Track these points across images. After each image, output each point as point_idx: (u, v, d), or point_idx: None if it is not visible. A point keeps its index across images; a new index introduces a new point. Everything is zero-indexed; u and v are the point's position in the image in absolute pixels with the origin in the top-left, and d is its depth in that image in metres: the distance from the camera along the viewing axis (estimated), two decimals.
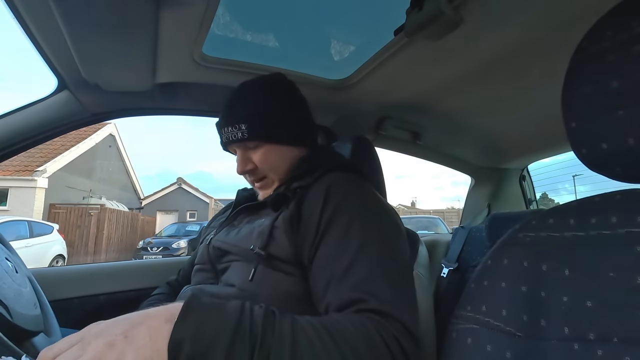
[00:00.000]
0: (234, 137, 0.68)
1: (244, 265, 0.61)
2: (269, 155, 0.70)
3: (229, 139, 0.69)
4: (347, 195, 0.60)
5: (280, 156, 0.71)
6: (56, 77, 0.81)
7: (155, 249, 8.63)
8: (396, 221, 0.63)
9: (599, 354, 0.35)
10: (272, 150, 0.70)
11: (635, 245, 0.37)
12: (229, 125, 0.68)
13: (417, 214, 14.15)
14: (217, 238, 0.69)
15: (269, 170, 0.71)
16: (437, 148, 1.41)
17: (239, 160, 0.71)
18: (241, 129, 0.67)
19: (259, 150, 0.70)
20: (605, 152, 0.40)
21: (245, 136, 0.67)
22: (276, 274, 0.58)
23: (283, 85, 0.75)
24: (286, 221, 0.60)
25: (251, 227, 0.65)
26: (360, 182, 0.66)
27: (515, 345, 0.42)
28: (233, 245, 0.65)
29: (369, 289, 0.49)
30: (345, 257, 0.53)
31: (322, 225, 0.57)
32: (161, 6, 0.60)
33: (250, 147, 0.70)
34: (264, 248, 0.58)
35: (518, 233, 0.48)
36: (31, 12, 0.61)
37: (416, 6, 0.63)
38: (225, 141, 0.71)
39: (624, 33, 0.38)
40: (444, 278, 1.29)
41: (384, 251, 0.54)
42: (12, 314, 0.53)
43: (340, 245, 0.54)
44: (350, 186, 0.63)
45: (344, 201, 0.59)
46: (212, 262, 0.68)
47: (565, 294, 0.40)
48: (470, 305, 0.49)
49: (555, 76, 0.58)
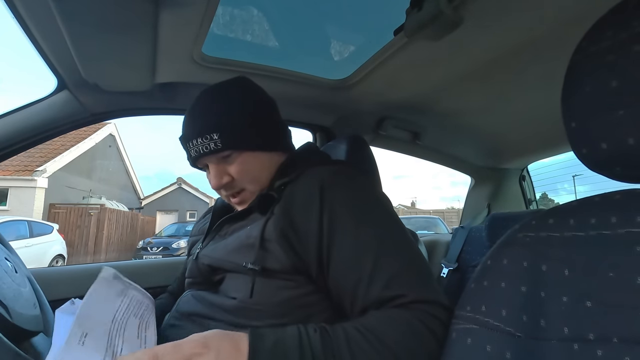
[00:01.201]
0: (206, 149, 0.62)
1: (240, 277, 0.57)
2: (247, 164, 0.64)
3: (199, 152, 0.63)
4: (341, 190, 0.57)
5: (259, 164, 0.66)
6: (56, 77, 0.81)
7: (155, 249, 8.63)
8: (389, 202, 0.63)
9: (599, 354, 0.35)
10: (249, 158, 0.65)
11: (635, 245, 0.37)
12: (198, 137, 0.62)
13: (417, 214, 14.16)
14: (205, 253, 0.65)
15: (248, 181, 0.65)
16: (437, 148, 1.41)
17: (213, 174, 0.65)
18: (213, 139, 0.61)
19: (235, 160, 0.64)
20: (605, 152, 0.40)
21: (219, 146, 0.62)
22: (276, 282, 0.55)
23: (250, 88, 0.70)
24: (278, 232, 0.55)
25: (239, 237, 0.60)
26: (349, 171, 0.63)
27: (515, 346, 0.42)
28: (224, 261, 0.60)
29: (403, 283, 0.51)
30: (368, 258, 0.52)
31: (326, 229, 0.54)
32: (161, 6, 0.60)
33: (225, 157, 0.64)
34: (257, 262, 0.55)
35: (518, 233, 0.48)
36: (31, 12, 0.61)
37: (416, 6, 0.63)
38: (194, 155, 0.64)
39: (624, 33, 0.38)
40: (443, 278, 1.29)
41: (397, 237, 0.56)
42: (11, 313, 0.52)
43: (358, 246, 0.53)
44: (342, 179, 0.59)
45: (341, 197, 0.56)
46: (204, 276, 0.64)
47: (565, 294, 0.40)
48: (469, 305, 0.49)
49: (555, 76, 0.58)
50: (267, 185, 0.66)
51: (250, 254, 0.56)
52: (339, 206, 0.55)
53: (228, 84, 0.69)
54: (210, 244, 0.67)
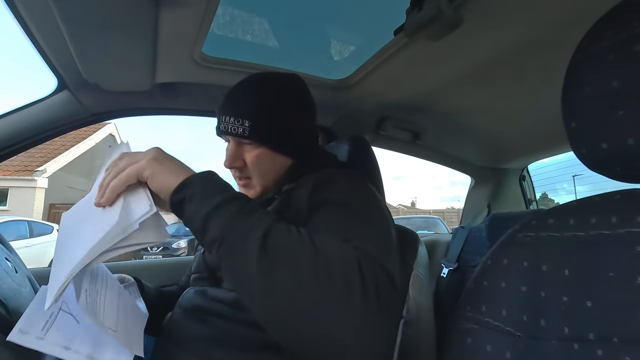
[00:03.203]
0: (233, 130, 0.64)
1: None
2: (262, 159, 0.66)
3: (226, 128, 0.65)
4: (336, 184, 0.58)
5: (272, 163, 0.67)
6: (56, 77, 0.81)
7: (155, 249, 8.60)
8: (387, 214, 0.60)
9: (599, 354, 0.35)
10: (266, 155, 0.66)
11: (635, 245, 0.37)
12: (232, 116, 0.64)
13: (417, 214, 14.15)
14: None
15: (256, 173, 0.67)
16: (437, 148, 1.41)
17: (230, 154, 0.67)
18: (243, 125, 0.63)
19: (253, 150, 0.66)
20: (605, 152, 0.40)
21: (245, 134, 0.64)
22: None
23: (299, 90, 0.71)
24: None
25: None
26: (352, 174, 0.63)
27: (515, 345, 0.42)
28: None
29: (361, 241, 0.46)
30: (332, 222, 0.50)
31: (310, 211, 0.54)
32: (161, 6, 0.60)
33: (246, 144, 0.66)
34: None
35: (518, 233, 0.48)
36: (31, 12, 0.61)
37: (416, 6, 0.63)
38: (222, 129, 0.66)
39: (624, 33, 0.38)
40: (443, 278, 1.29)
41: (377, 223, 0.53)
42: (11, 313, 0.52)
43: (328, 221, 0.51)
44: (339, 177, 0.60)
45: (333, 190, 0.56)
46: (209, 270, 0.66)
47: (565, 294, 0.40)
48: (470, 305, 0.49)
49: (555, 76, 0.58)
50: (271, 183, 0.68)
51: None
52: (328, 198, 0.55)
53: (286, 79, 0.70)
54: None
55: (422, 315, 0.66)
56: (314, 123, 0.74)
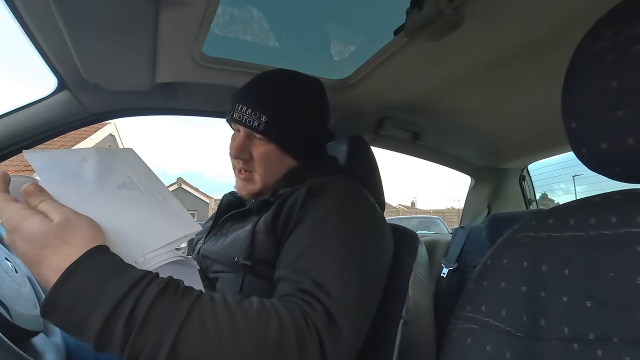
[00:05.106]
0: (248, 122, 0.63)
1: (232, 277, 0.60)
2: (270, 157, 0.66)
3: (241, 119, 0.63)
4: (323, 196, 0.58)
5: (279, 163, 0.68)
6: (56, 77, 0.81)
7: None
8: (375, 223, 0.60)
9: (599, 354, 0.35)
10: (275, 153, 0.66)
11: (635, 245, 0.37)
12: (250, 108, 0.63)
13: (417, 214, 14.15)
14: (206, 247, 0.68)
15: (260, 168, 0.67)
16: (437, 148, 1.41)
17: (238, 144, 0.66)
18: (259, 119, 0.62)
19: (263, 146, 0.65)
20: (605, 152, 0.40)
21: (260, 129, 0.62)
22: (264, 282, 0.57)
23: (321, 97, 0.71)
24: (267, 223, 0.58)
25: (236, 234, 0.64)
26: (345, 181, 0.64)
27: (515, 345, 0.42)
28: (219, 255, 0.64)
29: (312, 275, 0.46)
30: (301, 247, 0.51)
31: (296, 221, 0.56)
32: (161, 6, 0.60)
33: (257, 138, 0.66)
34: (249, 257, 0.57)
35: (518, 233, 0.48)
36: (31, 12, 0.61)
37: (416, 6, 0.63)
38: (236, 118, 0.64)
39: (624, 33, 0.38)
40: (443, 278, 1.29)
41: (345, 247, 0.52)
42: (11, 313, 0.52)
43: (303, 238, 0.53)
44: (330, 185, 0.60)
45: (317, 204, 0.57)
46: (203, 271, 0.66)
47: (565, 294, 0.40)
48: (469, 305, 0.49)
49: (555, 76, 0.58)
50: (272, 182, 0.68)
51: (241, 248, 0.59)
52: (314, 207, 0.56)
53: (311, 83, 0.70)
54: (212, 239, 0.69)
55: (422, 316, 0.66)
56: (326, 129, 0.74)
